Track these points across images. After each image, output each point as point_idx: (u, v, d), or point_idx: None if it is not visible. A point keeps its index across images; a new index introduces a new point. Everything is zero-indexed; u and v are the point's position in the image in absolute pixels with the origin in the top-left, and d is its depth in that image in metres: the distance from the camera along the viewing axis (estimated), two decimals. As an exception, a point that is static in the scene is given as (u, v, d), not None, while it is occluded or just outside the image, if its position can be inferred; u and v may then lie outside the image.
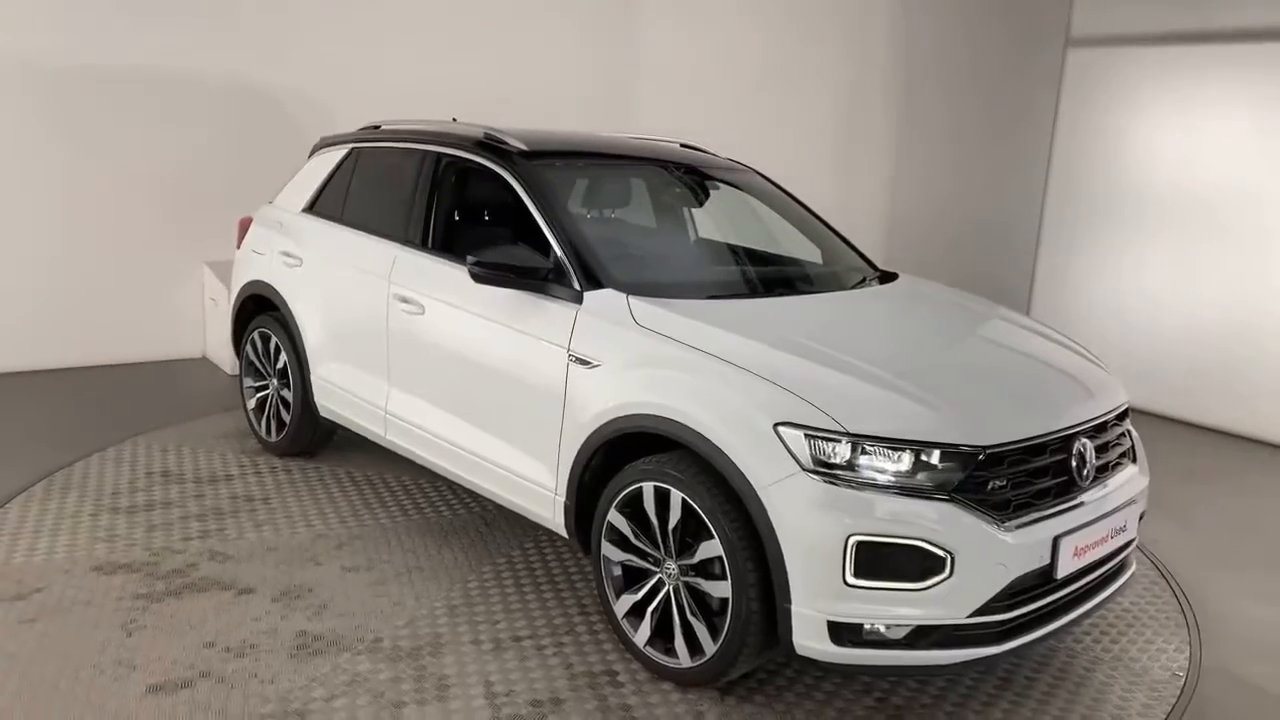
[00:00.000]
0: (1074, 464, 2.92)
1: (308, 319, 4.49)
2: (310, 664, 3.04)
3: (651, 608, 3.04)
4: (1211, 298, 6.51)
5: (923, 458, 2.67)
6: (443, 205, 4.08)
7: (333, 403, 4.42)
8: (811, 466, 2.66)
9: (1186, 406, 6.64)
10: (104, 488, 4.35)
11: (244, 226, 5.07)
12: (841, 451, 2.66)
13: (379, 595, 3.52)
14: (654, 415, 2.96)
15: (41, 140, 5.89)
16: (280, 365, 4.70)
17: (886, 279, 4.10)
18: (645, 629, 3.06)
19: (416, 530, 4.09)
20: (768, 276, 4.13)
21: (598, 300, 3.29)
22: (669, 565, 3.00)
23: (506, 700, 2.91)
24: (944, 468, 2.67)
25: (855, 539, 2.59)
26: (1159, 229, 6.78)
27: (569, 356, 3.26)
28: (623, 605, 3.12)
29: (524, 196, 3.65)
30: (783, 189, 4.60)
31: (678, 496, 2.90)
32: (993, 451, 2.72)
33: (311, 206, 4.70)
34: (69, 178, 6.00)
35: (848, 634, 2.65)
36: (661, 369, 3.02)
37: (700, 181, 4.46)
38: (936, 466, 2.67)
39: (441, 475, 3.94)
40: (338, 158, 4.69)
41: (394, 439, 4.11)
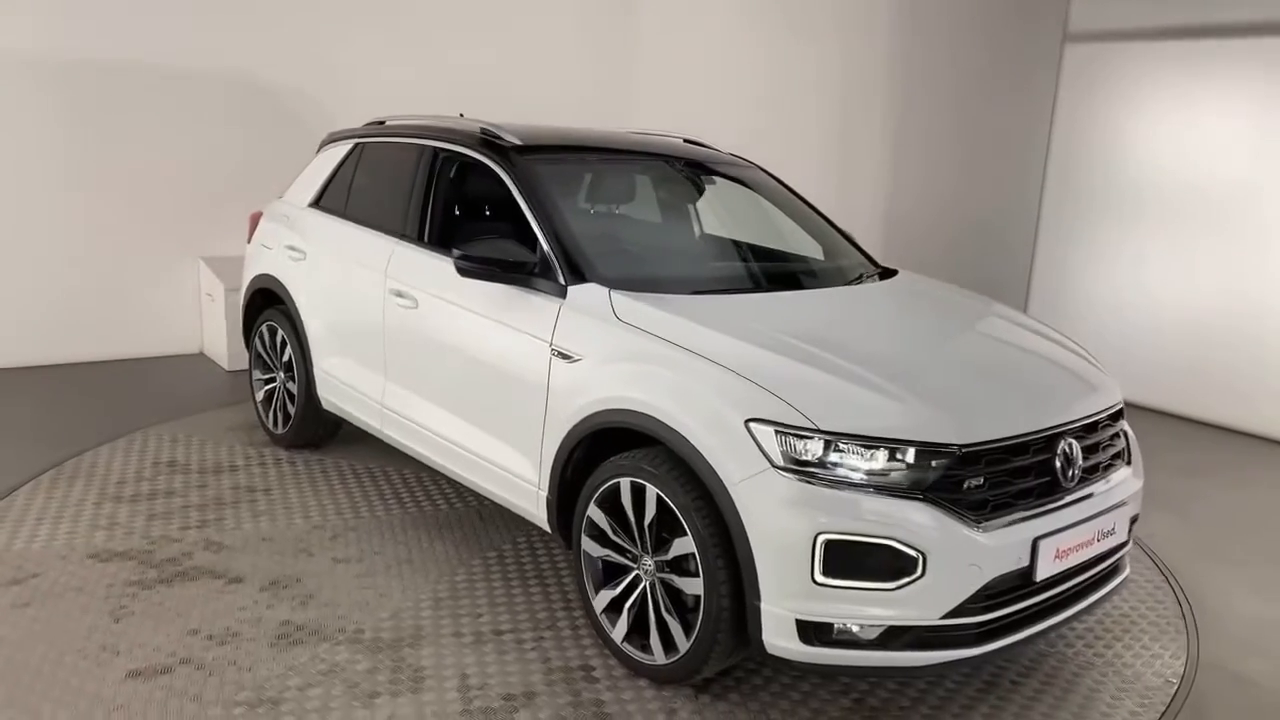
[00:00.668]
0: (1058, 464, 2.86)
1: (311, 312, 4.54)
2: (290, 653, 3.07)
3: (629, 604, 3.03)
4: (1209, 293, 6.40)
5: (897, 456, 2.62)
6: (439, 200, 4.09)
7: (334, 396, 4.46)
8: (783, 464, 2.63)
9: (1184, 402, 6.55)
10: (110, 477, 4.43)
11: (254, 221, 5.13)
12: (814, 449, 2.63)
13: (366, 587, 3.54)
14: (630, 410, 2.95)
15: (40, 139, 5.90)
16: (286, 358, 4.76)
17: (886, 275, 4.05)
18: (623, 625, 3.05)
19: (411, 523, 4.11)
20: (761, 272, 4.10)
21: (581, 294, 3.28)
22: (646, 561, 2.98)
23: (480, 693, 2.92)
24: (918, 466, 2.62)
25: (824, 537, 2.55)
26: (1157, 224, 6.67)
27: (551, 350, 3.25)
28: (601, 600, 3.11)
29: (514, 190, 3.65)
30: (785, 184, 4.55)
31: (653, 492, 2.88)
32: (969, 450, 2.67)
33: (317, 201, 4.74)
34: (68, 177, 6.01)
35: (817, 633, 2.62)
36: (639, 364, 3.00)
37: (699, 177, 4.43)
38: (911, 465, 2.62)
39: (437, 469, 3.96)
40: (343, 153, 4.73)
41: (391, 433, 4.13)
